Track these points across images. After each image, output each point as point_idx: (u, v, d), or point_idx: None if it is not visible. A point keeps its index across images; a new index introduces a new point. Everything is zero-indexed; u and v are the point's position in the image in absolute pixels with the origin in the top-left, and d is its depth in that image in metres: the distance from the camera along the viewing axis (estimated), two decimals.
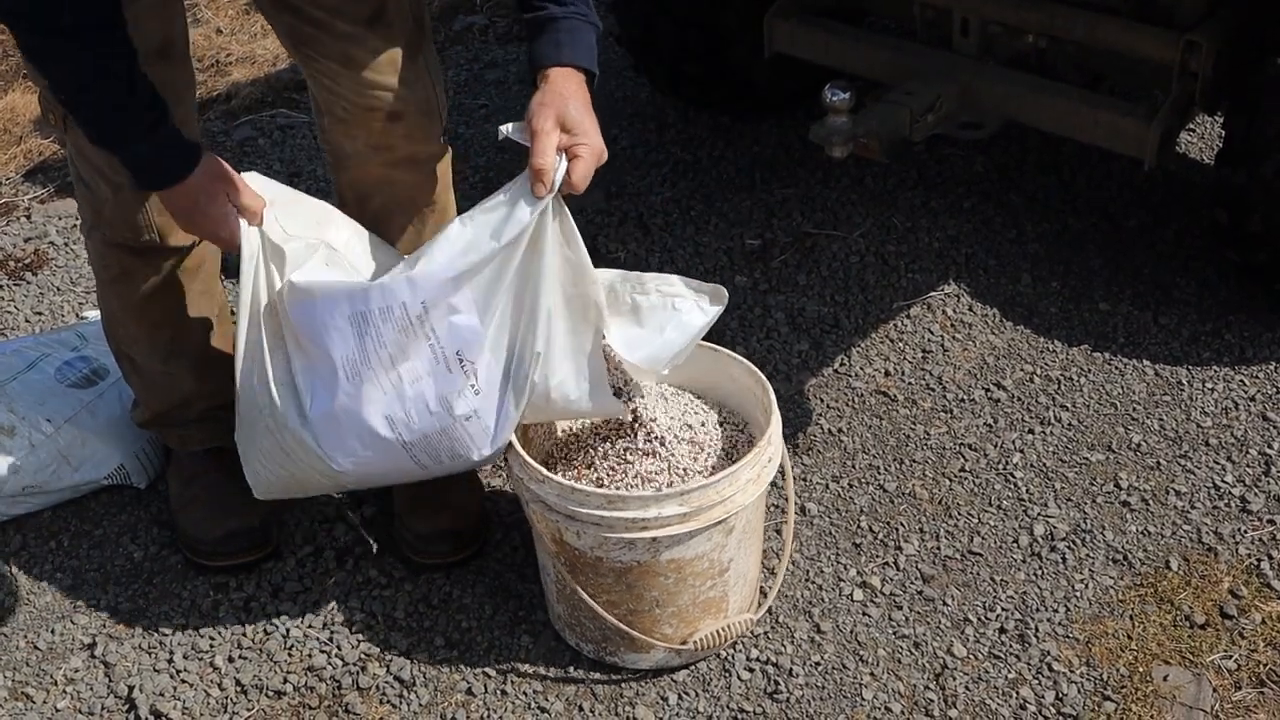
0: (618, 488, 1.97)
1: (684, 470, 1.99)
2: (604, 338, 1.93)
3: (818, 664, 2.03)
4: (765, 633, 2.08)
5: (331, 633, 2.11)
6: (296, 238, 1.92)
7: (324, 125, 2.12)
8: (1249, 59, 2.52)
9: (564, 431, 2.11)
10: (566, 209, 1.83)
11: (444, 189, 2.18)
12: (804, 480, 2.36)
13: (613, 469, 2.00)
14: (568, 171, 1.79)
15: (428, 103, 2.07)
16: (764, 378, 2.04)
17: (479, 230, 1.82)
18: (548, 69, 1.82)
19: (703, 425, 2.06)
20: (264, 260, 1.90)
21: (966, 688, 1.99)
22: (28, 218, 3.20)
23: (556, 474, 1.97)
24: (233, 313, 2.24)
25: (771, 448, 1.96)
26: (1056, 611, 2.09)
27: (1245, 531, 2.22)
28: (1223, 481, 2.31)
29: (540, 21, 1.83)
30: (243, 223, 1.88)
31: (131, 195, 2.00)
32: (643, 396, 2.05)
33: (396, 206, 2.14)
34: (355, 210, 2.07)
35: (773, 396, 2.00)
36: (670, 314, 1.97)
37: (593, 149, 1.81)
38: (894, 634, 2.07)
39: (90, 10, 1.67)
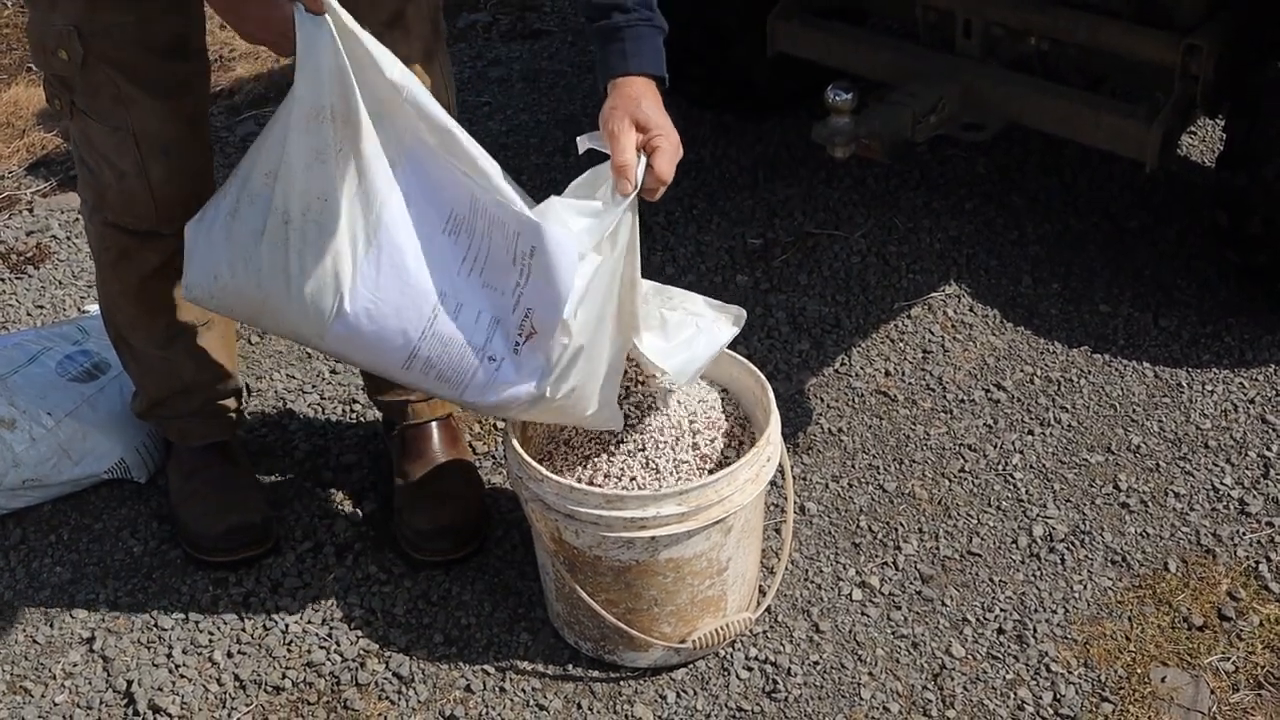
0: (619, 483, 1.97)
1: (682, 468, 2.00)
2: (635, 346, 1.93)
3: (816, 663, 2.03)
4: (764, 632, 2.09)
5: (331, 629, 2.11)
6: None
7: None
8: (1249, 62, 2.52)
9: (564, 429, 2.11)
10: (638, 214, 1.83)
11: None
12: (803, 480, 2.36)
13: (608, 469, 2.00)
14: (649, 165, 1.78)
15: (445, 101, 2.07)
16: (763, 377, 2.04)
17: (581, 231, 1.78)
18: (616, 79, 1.82)
19: (708, 420, 2.06)
20: (339, 53, 1.66)
21: (964, 688, 1.99)
22: (30, 211, 3.20)
23: (556, 470, 1.98)
24: None
25: (771, 447, 1.96)
26: (1055, 612, 2.10)
27: (1244, 534, 2.22)
28: (1222, 484, 2.31)
29: (606, 31, 1.82)
30: (298, 9, 1.65)
31: (135, 183, 2.00)
32: (649, 407, 2.05)
33: None
34: None
35: (772, 396, 2.00)
36: (695, 331, 1.97)
37: (670, 140, 1.81)
38: (892, 634, 2.08)
39: None
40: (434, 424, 2.33)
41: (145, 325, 2.18)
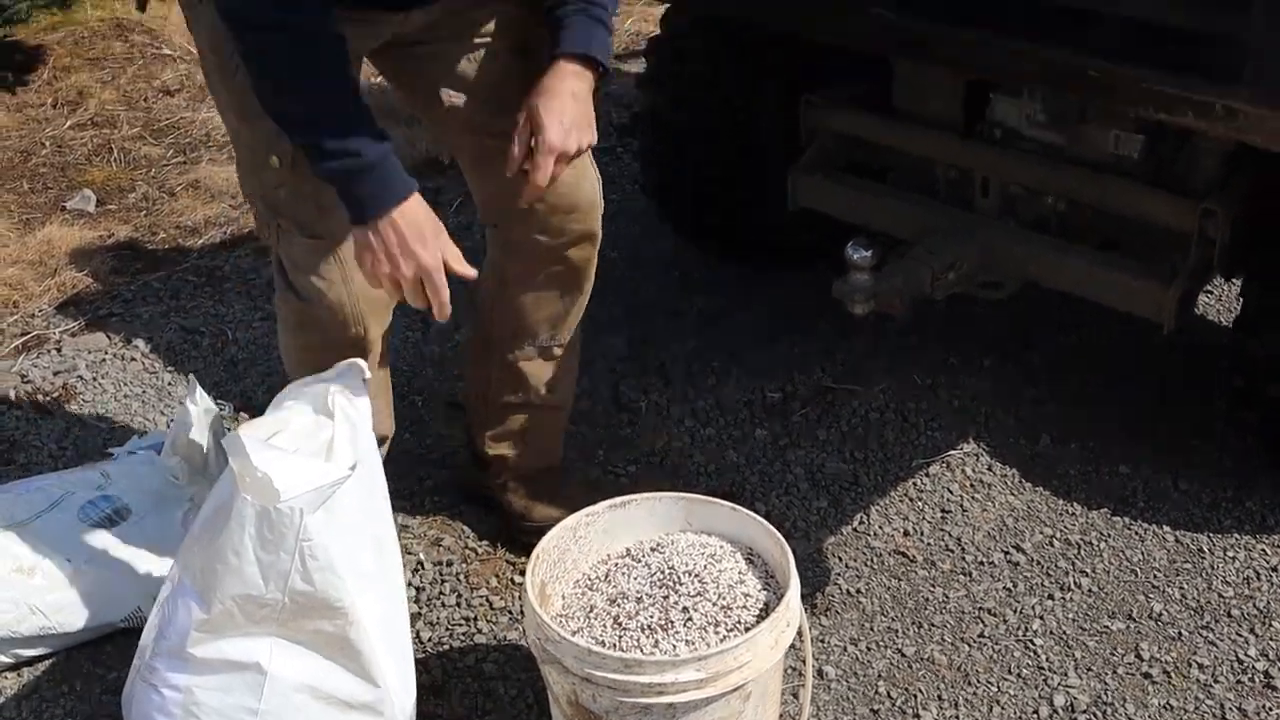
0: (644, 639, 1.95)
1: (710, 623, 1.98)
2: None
3: None
4: None
5: None
6: None
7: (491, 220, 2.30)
8: (1265, 227, 2.55)
9: (580, 586, 2.10)
10: None
11: (591, 269, 2.35)
12: (822, 642, 2.34)
13: (628, 626, 1.99)
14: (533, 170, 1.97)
15: (592, 191, 2.24)
16: (784, 541, 2.04)
17: None
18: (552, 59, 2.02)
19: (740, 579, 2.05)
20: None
21: None
22: (58, 350, 3.23)
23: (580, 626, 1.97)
24: None
25: (790, 612, 1.95)
26: None
27: (1270, 709, 2.19)
28: (1246, 655, 2.28)
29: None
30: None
31: (340, 291, 2.09)
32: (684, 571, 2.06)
33: (549, 287, 2.30)
34: (497, 280, 2.23)
35: (792, 560, 1.99)
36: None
37: (547, 144, 1.96)
38: None
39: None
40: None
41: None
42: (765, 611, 2.01)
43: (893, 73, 2.86)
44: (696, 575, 2.06)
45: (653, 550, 2.13)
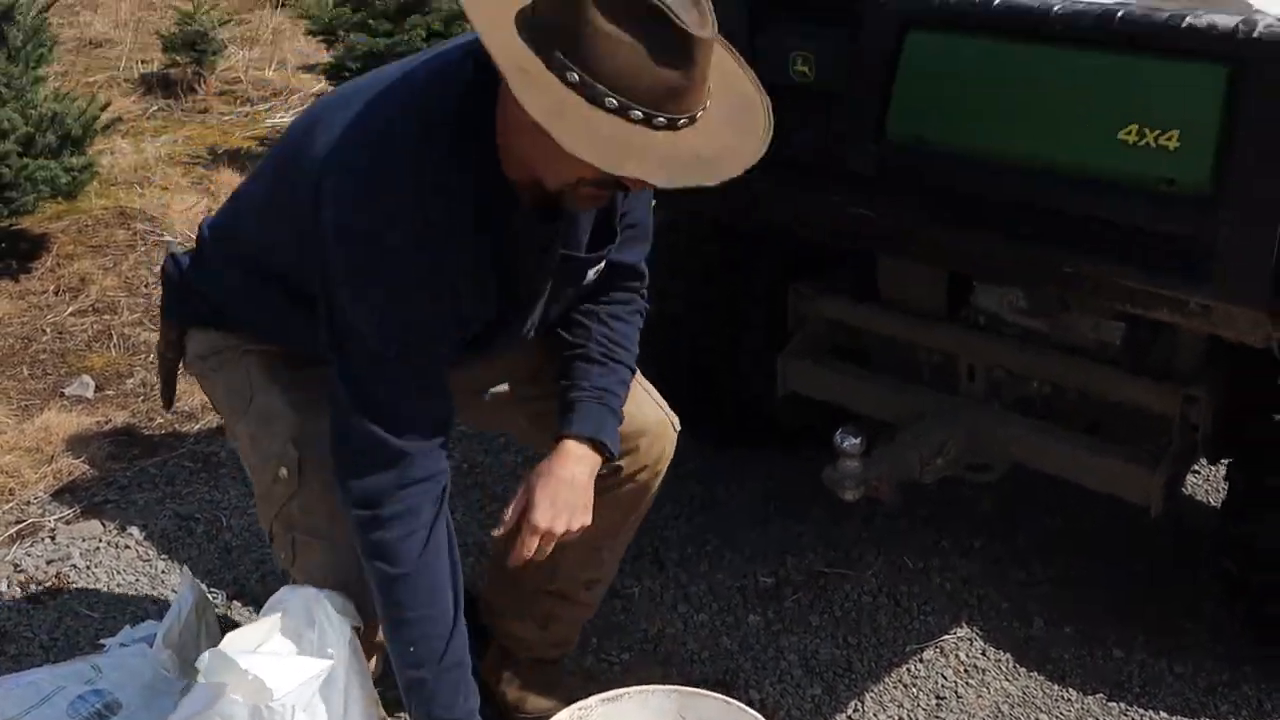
0: None
1: None
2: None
3: None
4: None
5: None
6: None
7: None
8: (1247, 414, 2.59)
9: None
10: None
11: (656, 483, 2.36)
12: None
13: None
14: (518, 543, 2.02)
15: (654, 411, 2.29)
16: None
17: None
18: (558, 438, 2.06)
19: None
20: None
21: None
22: (52, 539, 3.24)
23: None
24: None
25: None
26: None
27: None
28: None
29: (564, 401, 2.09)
30: None
31: (357, 590, 2.05)
32: None
33: (611, 506, 2.26)
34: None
35: None
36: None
37: (530, 527, 2.00)
38: None
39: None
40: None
41: None
42: None
43: (878, 261, 2.94)
44: None
45: None
